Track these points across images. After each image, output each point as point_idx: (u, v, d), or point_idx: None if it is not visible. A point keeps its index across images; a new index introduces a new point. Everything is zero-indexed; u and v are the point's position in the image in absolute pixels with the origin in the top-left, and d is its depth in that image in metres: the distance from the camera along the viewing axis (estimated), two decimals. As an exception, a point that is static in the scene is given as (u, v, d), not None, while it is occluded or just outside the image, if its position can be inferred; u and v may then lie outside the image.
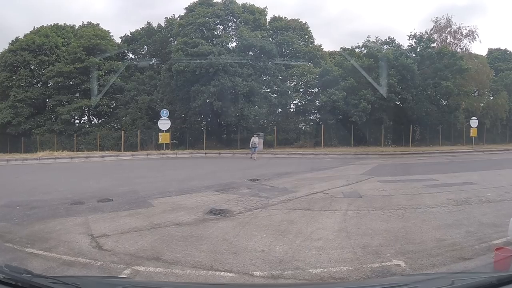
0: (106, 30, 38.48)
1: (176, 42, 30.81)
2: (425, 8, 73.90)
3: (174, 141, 33.99)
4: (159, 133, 27.62)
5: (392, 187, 11.60)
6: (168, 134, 27.37)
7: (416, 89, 29.21)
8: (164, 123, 27.09)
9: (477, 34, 36.37)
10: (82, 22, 40.12)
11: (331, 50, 39.05)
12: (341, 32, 75.49)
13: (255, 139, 22.07)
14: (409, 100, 29.21)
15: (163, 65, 32.36)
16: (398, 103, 29.48)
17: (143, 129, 31.81)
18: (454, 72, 30.34)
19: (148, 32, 36.42)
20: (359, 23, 78.21)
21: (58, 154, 24.37)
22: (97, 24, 39.40)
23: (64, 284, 2.05)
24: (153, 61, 36.59)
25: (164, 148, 27.16)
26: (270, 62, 29.82)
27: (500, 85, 37.02)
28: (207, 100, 26.74)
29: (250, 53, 29.62)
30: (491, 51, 43.48)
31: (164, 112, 27.30)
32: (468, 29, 36.76)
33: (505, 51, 43.66)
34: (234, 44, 31.61)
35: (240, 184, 12.51)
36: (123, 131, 31.38)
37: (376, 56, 28.74)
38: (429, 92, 31.58)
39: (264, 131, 30.13)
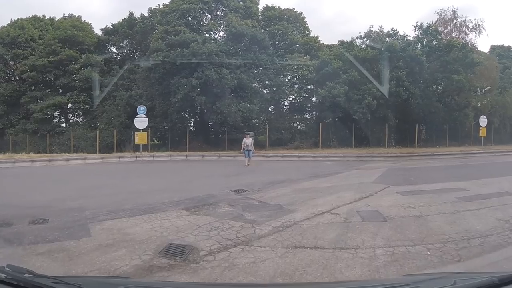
0: (86, 21, 36.18)
1: (156, 30, 27.83)
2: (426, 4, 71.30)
3: (156, 141, 31.47)
4: (135, 133, 24.82)
5: (419, 201, 9.06)
6: (145, 134, 24.57)
7: (425, 84, 26.55)
8: (140, 121, 24.29)
9: (484, 28, 34.23)
10: (63, 14, 37.24)
11: (328, 44, 36.27)
12: (336, 32, 73.06)
13: (247, 140, 18.52)
14: (417, 96, 26.56)
15: (142, 57, 29.40)
16: (405, 99, 26.78)
17: (120, 128, 29.10)
18: (465, 65, 27.98)
19: (129, 23, 33.61)
20: (355, 24, 75.90)
21: (19, 157, 21.52)
22: (79, 17, 36.95)
23: (66, 284, 2.07)
24: (136, 53, 33.86)
25: (141, 150, 24.35)
26: (262, 53, 26.99)
27: (507, 82, 35.57)
28: (189, 95, 23.69)
29: (240, 43, 26.74)
30: (494, 48, 42.21)
31: (141, 109, 24.50)
32: (474, 22, 34.93)
33: (509, 48, 42.61)
34: (222, 34, 28.86)
35: (220, 198, 9.75)
36: (98, 131, 28.58)
37: (380, 47, 26.04)
38: (438, 87, 28.99)
39: (256, 130, 27.40)
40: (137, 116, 24.39)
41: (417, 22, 38.82)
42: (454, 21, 34.98)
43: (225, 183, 12.36)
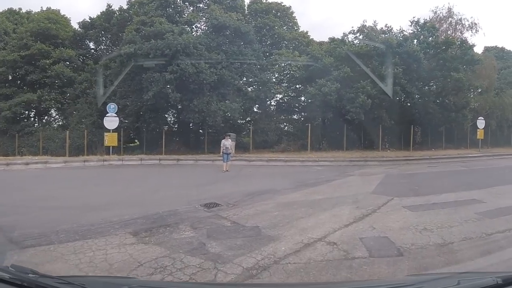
0: (64, 15, 33.67)
1: (132, 22, 25.58)
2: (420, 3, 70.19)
3: (132, 144, 29.16)
4: (105, 134, 22.52)
5: (434, 220, 7.35)
6: (115, 135, 22.25)
7: (422, 82, 24.83)
8: (110, 121, 22.04)
9: (480, 27, 33.05)
10: (41, 8, 34.88)
11: (318, 40, 34.39)
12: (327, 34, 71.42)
13: (226, 142, 16.43)
14: (414, 95, 24.84)
15: (115, 50, 27.14)
16: (402, 98, 25.03)
17: (92, 128, 26.71)
18: (465, 63, 26.41)
19: (107, 16, 31.21)
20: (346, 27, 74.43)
21: (-29, 161, 19.09)
22: (58, 10, 34.31)
23: (70, 284, 2.06)
24: (114, 48, 31.47)
25: (111, 153, 22.08)
26: (246, 48, 24.96)
27: (503, 83, 34.51)
28: (162, 91, 21.46)
29: (222, 36, 24.67)
30: (487, 49, 41.28)
31: (111, 107, 22.21)
32: (471, 20, 33.59)
33: (502, 49, 42.05)
34: (203, 26, 26.74)
35: (184, 217, 7.86)
36: (68, 132, 26.30)
37: (375, 41, 24.26)
38: (435, 86, 27.38)
39: (238, 132, 25.38)
40: (107, 115, 22.20)
41: (413, 17, 37.40)
42: (450, 19, 33.65)
43: (195, 194, 10.36)
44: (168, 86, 21.34)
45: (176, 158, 20.61)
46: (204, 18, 26.70)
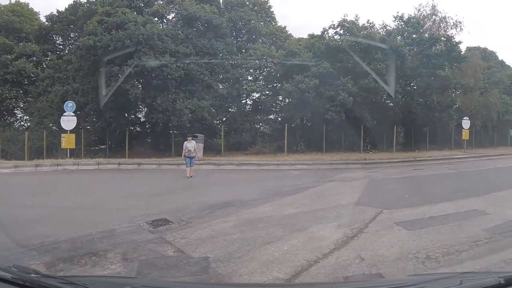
0: (31, 8, 31.70)
1: (97, 13, 23.53)
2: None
3: (101, 146, 27.12)
4: (62, 135, 20.60)
5: (437, 242, 5.93)
6: (73, 136, 20.37)
7: (406, 81, 23.60)
8: (68, 121, 20.13)
9: (464, 25, 32.68)
10: (10, 0, 32.46)
11: (297, 37, 32.87)
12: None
13: (189, 144, 14.61)
14: (397, 94, 23.57)
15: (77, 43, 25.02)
16: (385, 96, 23.76)
17: (52, 129, 24.66)
18: (451, 60, 25.43)
19: (75, 8, 29.10)
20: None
21: None
22: (27, 4, 32.09)
23: (72, 284, 2.04)
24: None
25: (69, 156, 20.17)
26: (218, 42, 23.18)
27: (487, 83, 33.86)
28: (121, 87, 19.39)
29: (192, 28, 22.85)
30: (469, 49, 40.63)
31: (69, 105, 20.31)
32: (455, 18, 33.33)
33: (485, 49, 41.31)
34: (174, 18, 24.83)
35: (119, 241, 6.27)
36: (27, 133, 24.34)
37: (357, 36, 22.84)
38: (419, 84, 26.26)
39: (212, 133, 23.62)
40: (64, 114, 20.32)
41: (397, 12, 36.47)
42: (434, 17, 32.76)
43: (145, 208, 8.67)
44: (128, 81, 19.30)
45: (138, 162, 18.65)
46: (175, 10, 24.82)
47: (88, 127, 24.44)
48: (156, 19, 24.03)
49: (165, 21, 25.39)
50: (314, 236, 6.14)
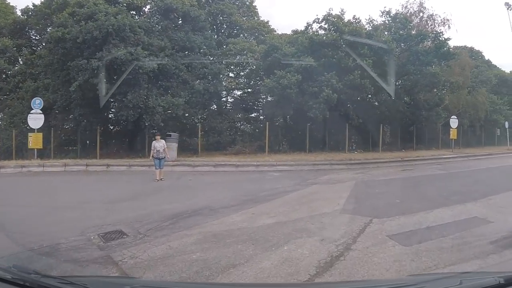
0: (8, 2, 30.73)
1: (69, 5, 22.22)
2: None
3: (74, 146, 25.74)
4: (29, 134, 19.47)
5: (440, 262, 4.99)
6: (40, 135, 19.19)
7: (394, 77, 22.85)
8: (35, 119, 18.98)
9: (452, 23, 32.34)
10: None
11: (280, 33, 31.97)
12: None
13: (158, 144, 13.52)
14: (384, 91, 22.79)
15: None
16: (372, 93, 22.95)
17: (23, 128, 23.21)
18: (440, 57, 24.88)
19: (50, 1, 27.60)
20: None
21: None
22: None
23: (72, 284, 2.03)
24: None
25: (36, 157, 18.98)
26: (196, 35, 22.01)
27: (474, 82, 33.91)
28: (89, 82, 18.04)
29: (167, 20, 21.61)
30: (456, 48, 40.47)
31: (36, 102, 19.11)
32: (443, 16, 33.40)
33: (471, 49, 41.22)
34: (148, 9, 23.64)
35: (56, 261, 5.27)
36: (-5, 132, 23.23)
37: (342, 30, 21.92)
38: (407, 82, 25.59)
39: (191, 132, 22.40)
40: (31, 112, 19.15)
41: (384, 7, 35.88)
42: (421, 14, 32.29)
43: (102, 216, 7.64)
44: (96, 76, 17.95)
45: (107, 163, 17.36)
46: (152, 2, 23.58)
47: (57, 125, 23.04)
48: (133, 12, 22.79)
49: (141, 13, 24.21)
50: (291, 256, 5.05)
